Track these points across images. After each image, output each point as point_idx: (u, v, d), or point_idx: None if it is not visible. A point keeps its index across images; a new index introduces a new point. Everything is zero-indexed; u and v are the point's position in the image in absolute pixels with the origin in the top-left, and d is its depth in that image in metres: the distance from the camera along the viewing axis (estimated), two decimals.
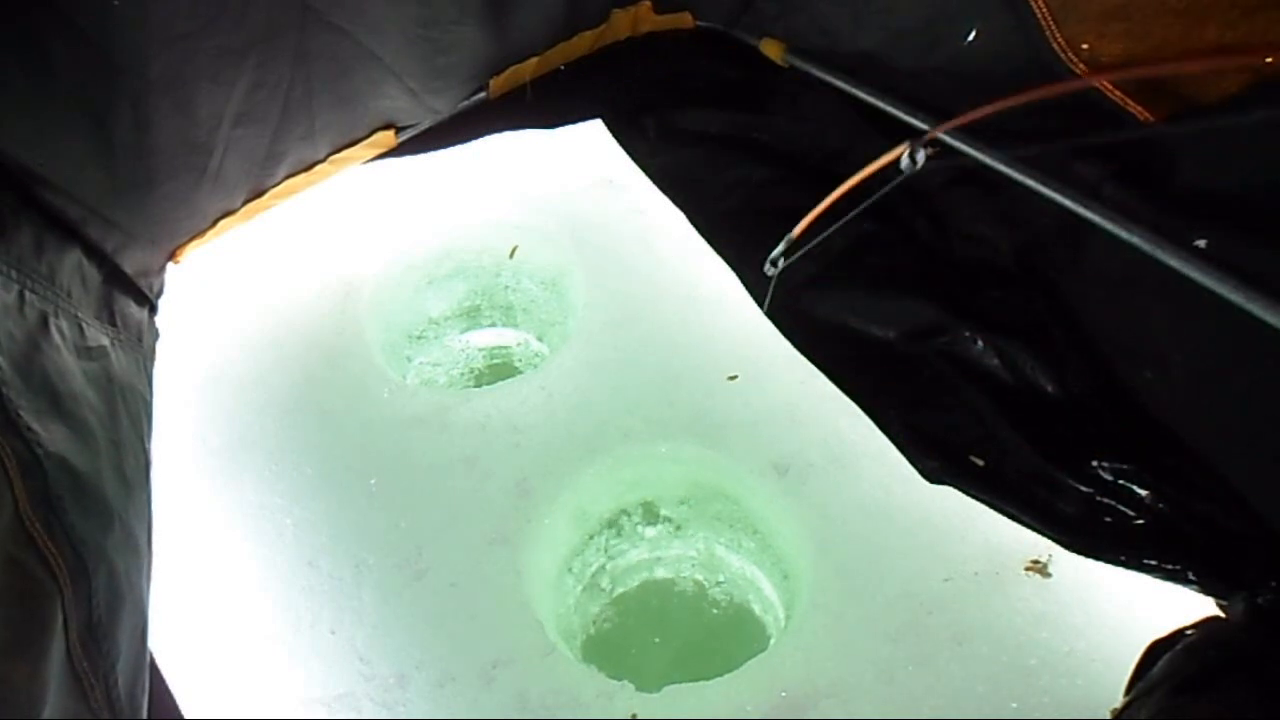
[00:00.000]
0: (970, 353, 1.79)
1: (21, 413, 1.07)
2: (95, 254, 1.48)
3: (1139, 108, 1.31)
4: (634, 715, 1.92)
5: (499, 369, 3.28)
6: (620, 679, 1.99)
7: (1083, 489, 1.61)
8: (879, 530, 2.14)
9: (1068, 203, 1.45)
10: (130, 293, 1.62)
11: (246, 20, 1.49)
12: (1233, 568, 1.45)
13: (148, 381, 1.63)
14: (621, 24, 2.14)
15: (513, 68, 2.01)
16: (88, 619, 1.10)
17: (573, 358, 2.57)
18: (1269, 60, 1.08)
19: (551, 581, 2.40)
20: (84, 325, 1.36)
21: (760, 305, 2.01)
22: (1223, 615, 1.46)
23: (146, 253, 1.68)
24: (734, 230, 2.10)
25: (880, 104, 1.80)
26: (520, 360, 3.29)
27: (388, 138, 1.95)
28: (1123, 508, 1.57)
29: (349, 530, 2.24)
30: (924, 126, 1.70)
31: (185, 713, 1.49)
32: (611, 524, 2.54)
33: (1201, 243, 1.29)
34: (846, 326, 1.92)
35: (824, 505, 2.20)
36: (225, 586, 2.16)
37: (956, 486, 1.72)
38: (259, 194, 1.85)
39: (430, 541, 2.22)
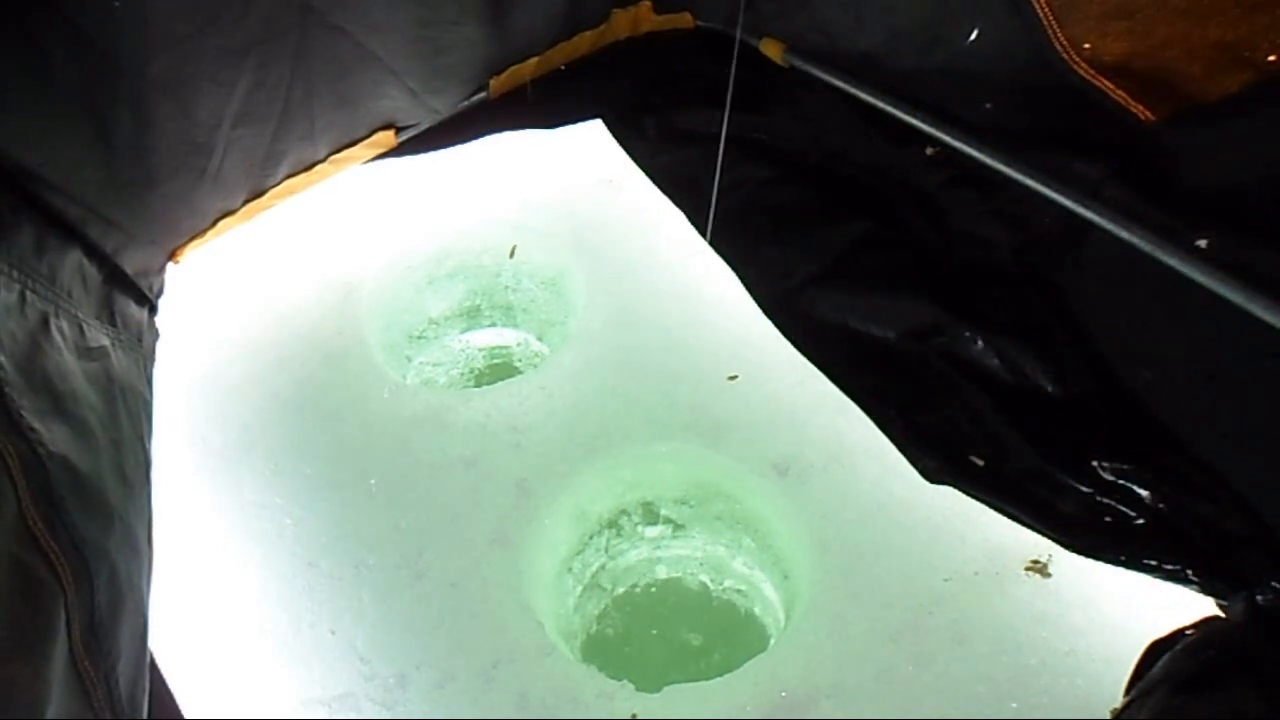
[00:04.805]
0: (970, 353, 1.79)
1: (24, 413, 1.07)
2: (95, 254, 1.48)
3: (1140, 107, 1.32)
4: (634, 715, 1.92)
5: (499, 369, 3.27)
6: (620, 679, 1.99)
7: (1083, 489, 1.60)
8: (879, 530, 2.14)
9: (1068, 203, 1.45)
10: (130, 293, 1.62)
11: (247, 21, 1.49)
12: (1233, 568, 1.45)
13: (148, 382, 1.63)
14: (621, 24, 2.14)
15: (513, 68, 2.01)
16: (90, 619, 1.09)
17: (573, 358, 2.57)
18: (1271, 59, 1.09)
19: (551, 581, 2.39)
20: (84, 325, 1.36)
21: (760, 305, 2.00)
22: (1223, 615, 1.46)
23: (146, 253, 1.68)
24: (734, 230, 2.11)
25: (880, 104, 1.81)
26: (520, 360, 3.29)
27: (388, 138, 1.95)
28: (1123, 508, 1.57)
29: (349, 530, 2.24)
30: (924, 126, 1.71)
31: (185, 713, 1.49)
32: (611, 524, 2.54)
33: (1202, 242, 1.29)
34: (846, 326, 1.92)
35: (824, 505, 2.20)
36: (225, 586, 2.16)
37: (956, 486, 1.72)
38: (259, 194, 1.85)
39: (430, 541, 2.22)
